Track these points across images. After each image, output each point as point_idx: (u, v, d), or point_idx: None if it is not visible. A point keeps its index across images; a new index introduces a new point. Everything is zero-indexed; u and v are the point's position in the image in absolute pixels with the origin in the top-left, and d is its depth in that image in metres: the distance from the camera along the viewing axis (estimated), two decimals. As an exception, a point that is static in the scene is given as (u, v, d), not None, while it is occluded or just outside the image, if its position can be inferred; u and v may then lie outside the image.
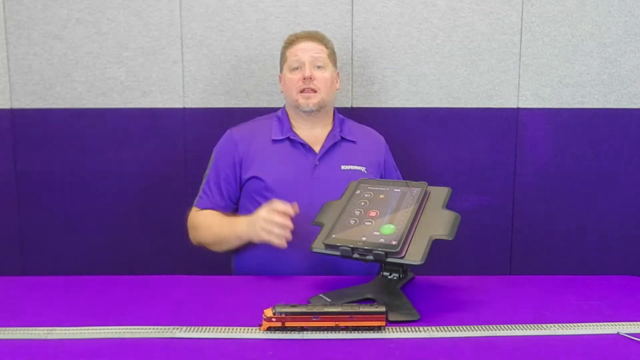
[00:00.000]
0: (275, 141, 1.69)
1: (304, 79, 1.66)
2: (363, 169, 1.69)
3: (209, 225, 1.65)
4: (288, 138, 1.69)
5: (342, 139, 1.72)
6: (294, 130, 1.71)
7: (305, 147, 1.68)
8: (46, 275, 1.51)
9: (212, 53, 2.08)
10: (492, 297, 1.33)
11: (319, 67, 1.68)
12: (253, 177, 1.65)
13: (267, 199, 1.63)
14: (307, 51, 1.68)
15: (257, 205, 1.64)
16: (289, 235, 1.43)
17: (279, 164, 1.65)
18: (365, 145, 1.75)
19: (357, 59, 2.09)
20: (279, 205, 1.44)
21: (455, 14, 2.07)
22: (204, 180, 1.72)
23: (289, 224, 1.43)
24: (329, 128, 1.74)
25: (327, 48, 1.72)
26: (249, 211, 1.66)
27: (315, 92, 1.67)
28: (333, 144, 1.70)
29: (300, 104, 1.68)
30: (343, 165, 1.68)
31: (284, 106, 1.78)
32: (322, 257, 1.33)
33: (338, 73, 1.79)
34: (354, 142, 1.73)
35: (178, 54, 2.08)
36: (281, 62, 1.76)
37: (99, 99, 2.09)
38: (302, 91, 1.67)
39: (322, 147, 1.69)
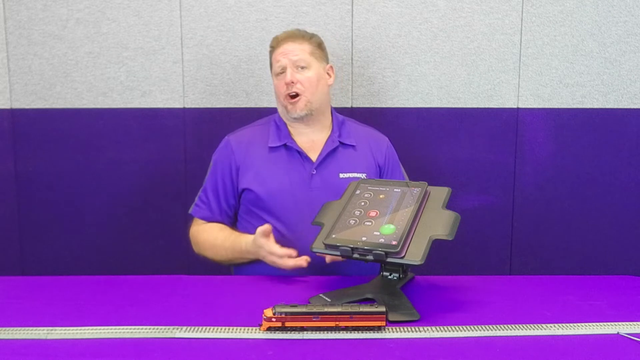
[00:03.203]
0: (272, 148, 1.65)
1: (287, 84, 1.62)
2: (363, 175, 1.64)
3: (214, 244, 1.62)
4: (285, 145, 1.65)
5: (341, 144, 1.68)
6: (292, 136, 1.67)
7: (301, 155, 1.64)
8: (46, 275, 1.51)
9: (212, 53, 2.08)
10: (492, 297, 1.33)
11: (302, 67, 1.63)
12: (248, 189, 1.62)
13: (264, 210, 1.61)
14: (286, 54, 1.63)
15: (254, 216, 1.63)
16: (300, 262, 1.44)
17: (275, 175, 1.62)
18: (366, 148, 1.71)
19: (357, 59, 2.09)
20: (278, 250, 1.44)
21: (455, 14, 2.07)
22: (202, 189, 1.70)
23: (295, 261, 1.43)
24: (328, 132, 1.70)
25: (310, 45, 1.66)
26: (247, 222, 1.65)
27: (299, 95, 1.62)
28: (331, 151, 1.66)
29: (288, 110, 1.65)
30: (342, 173, 1.64)
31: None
32: (322, 257, 1.33)
33: (331, 66, 1.73)
34: (353, 146, 1.69)
35: (178, 54, 2.08)
36: (270, 67, 1.73)
37: (99, 99, 2.09)
38: (288, 97, 1.63)
39: (320, 154, 1.65)
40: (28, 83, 2.08)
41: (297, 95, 1.63)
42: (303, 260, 1.42)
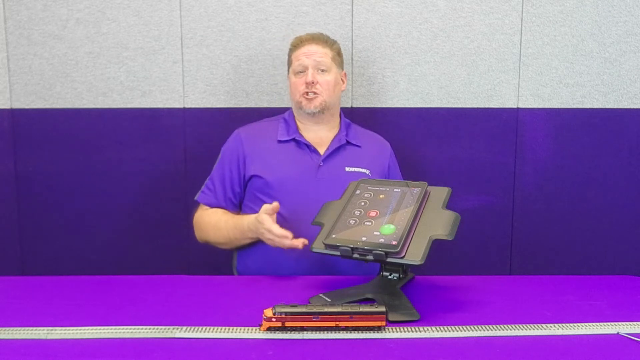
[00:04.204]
0: (280, 142, 1.70)
1: (307, 83, 1.67)
2: (367, 171, 1.70)
3: (216, 226, 1.66)
4: (294, 139, 1.70)
5: (348, 142, 1.74)
6: (300, 132, 1.73)
7: (310, 148, 1.70)
8: (46, 275, 1.51)
9: (212, 53, 2.08)
10: (492, 297, 1.33)
11: (322, 70, 1.69)
12: (256, 175, 1.66)
13: (270, 197, 1.63)
14: (310, 55, 1.69)
15: (260, 204, 1.64)
16: (296, 243, 1.45)
17: (283, 164, 1.66)
18: (370, 150, 1.76)
19: (357, 59, 2.09)
20: (276, 230, 1.45)
21: (455, 14, 2.07)
22: (209, 177, 1.74)
23: (291, 242, 1.45)
24: (335, 131, 1.76)
25: (331, 50, 1.73)
26: (251, 210, 1.67)
27: (317, 94, 1.68)
28: (338, 147, 1.71)
29: (302, 105, 1.69)
30: (347, 167, 1.69)
31: (292, 107, 1.79)
32: (322, 257, 1.33)
33: (345, 73, 1.81)
34: (359, 146, 1.75)
35: (178, 54, 2.08)
36: (287, 64, 1.78)
37: (99, 99, 2.09)
38: (304, 94, 1.68)
39: (327, 149, 1.70)
40: (28, 83, 2.08)
41: (315, 94, 1.68)
42: (299, 242, 1.44)
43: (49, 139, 2.11)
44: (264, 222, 1.47)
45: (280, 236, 1.45)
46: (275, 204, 1.48)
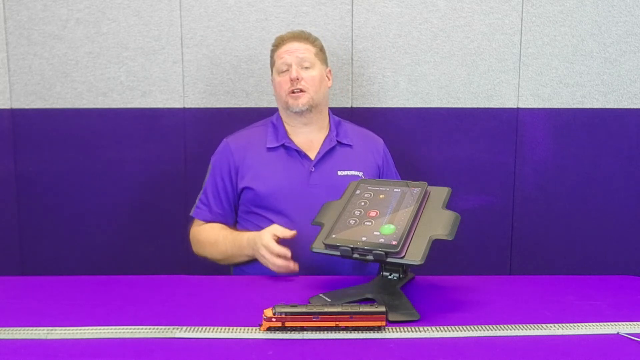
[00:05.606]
0: (270, 149, 1.67)
1: (292, 80, 1.65)
2: (360, 173, 1.67)
3: (215, 241, 1.64)
4: (283, 145, 1.67)
5: (339, 143, 1.71)
6: (289, 136, 1.70)
7: (300, 153, 1.67)
8: (46, 275, 1.51)
9: (212, 53, 2.08)
10: (492, 297, 1.33)
11: (306, 67, 1.66)
12: (248, 187, 1.64)
13: (263, 208, 1.62)
14: (292, 52, 1.67)
15: (254, 215, 1.64)
16: (292, 267, 1.44)
17: (274, 173, 1.64)
18: (363, 148, 1.74)
19: (357, 59, 2.09)
20: (277, 248, 1.44)
21: (455, 14, 2.07)
22: (202, 191, 1.72)
23: (290, 265, 1.44)
24: (325, 132, 1.73)
25: (313, 47, 1.70)
26: (247, 221, 1.66)
27: (303, 92, 1.65)
28: (329, 150, 1.68)
29: (289, 105, 1.66)
30: (340, 170, 1.66)
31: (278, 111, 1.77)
32: (321, 257, 1.33)
33: (330, 70, 1.78)
34: (350, 146, 1.72)
35: (178, 54, 2.08)
36: (270, 65, 1.75)
37: (99, 99, 2.09)
38: (290, 93, 1.65)
39: (318, 153, 1.67)
40: (28, 83, 2.08)
41: (301, 91, 1.65)
42: (293, 264, 1.43)
43: (49, 139, 2.11)
44: (263, 237, 1.45)
45: (278, 253, 1.42)
46: (293, 232, 1.46)
